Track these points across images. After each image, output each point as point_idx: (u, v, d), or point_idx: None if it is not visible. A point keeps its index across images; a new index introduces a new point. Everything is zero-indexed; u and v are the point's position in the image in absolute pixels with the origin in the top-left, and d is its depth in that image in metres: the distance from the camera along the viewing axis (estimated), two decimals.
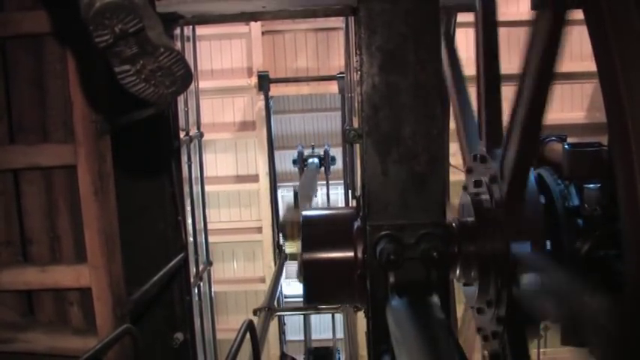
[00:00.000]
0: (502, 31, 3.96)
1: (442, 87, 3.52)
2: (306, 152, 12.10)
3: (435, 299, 3.29)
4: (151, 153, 4.58)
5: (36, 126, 4.06)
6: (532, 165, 3.62)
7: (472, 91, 4.36)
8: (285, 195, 16.20)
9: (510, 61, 4.07)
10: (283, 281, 12.47)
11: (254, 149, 15.16)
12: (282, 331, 13.57)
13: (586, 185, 3.53)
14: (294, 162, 11.98)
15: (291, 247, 4.20)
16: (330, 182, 12.99)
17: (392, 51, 3.36)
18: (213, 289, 10.18)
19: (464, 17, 4.48)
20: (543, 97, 3.06)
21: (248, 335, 4.49)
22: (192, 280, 6.48)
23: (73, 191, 3.71)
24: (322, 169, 11.98)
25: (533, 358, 9.27)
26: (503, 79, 3.90)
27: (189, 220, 6.94)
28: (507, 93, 3.62)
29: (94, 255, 3.56)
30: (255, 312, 7.81)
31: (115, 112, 3.70)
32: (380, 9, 3.35)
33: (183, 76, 2.28)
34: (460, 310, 5.48)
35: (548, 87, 3.03)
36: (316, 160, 11.74)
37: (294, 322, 14.74)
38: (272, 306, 8.24)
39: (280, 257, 11.75)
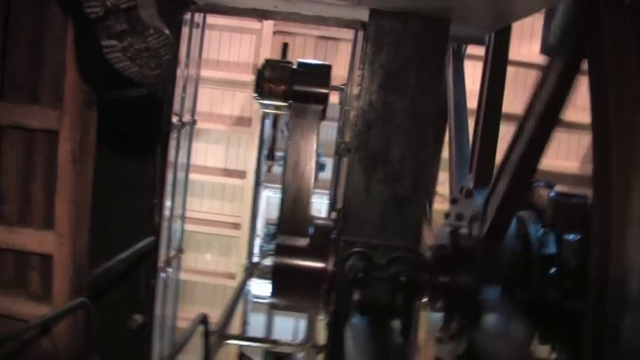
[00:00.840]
0: (509, 70, 3.93)
1: (438, 114, 3.51)
2: None
3: (397, 324, 3.27)
4: (140, 133, 4.54)
5: (27, 86, 4.02)
6: (518, 208, 3.62)
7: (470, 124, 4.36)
8: (271, 196, 16.16)
9: (512, 100, 4.05)
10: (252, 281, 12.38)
11: (246, 146, 15.12)
12: (244, 330, 13.53)
13: (566, 235, 3.53)
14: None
15: (268, 104, 3.94)
16: (317, 191, 12.93)
17: (394, 71, 3.35)
18: (181, 277, 10.12)
19: (474, 50, 4.46)
20: (542, 142, 3.04)
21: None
22: (160, 264, 6.43)
23: (52, 158, 3.67)
24: None
25: None
26: (503, 118, 3.90)
27: (169, 205, 6.89)
28: (504, 132, 3.61)
29: (62, 223, 3.52)
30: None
31: (107, 86, 3.67)
32: (390, 27, 3.34)
33: (169, 61, 2.26)
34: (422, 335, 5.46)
35: (549, 133, 3.00)
36: None
37: (258, 322, 14.71)
38: (225, 332, 7.84)
39: (245, 275, 11.40)
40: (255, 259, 12.09)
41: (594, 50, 2.33)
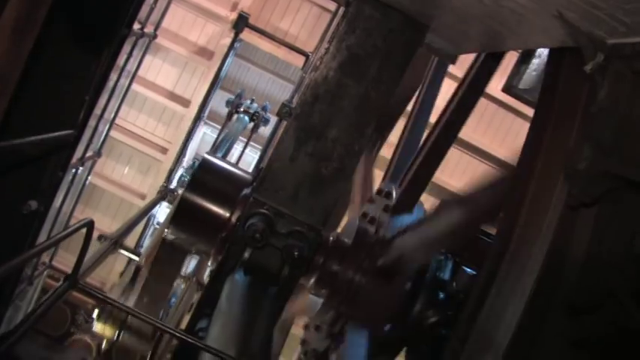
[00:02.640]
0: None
1: (385, 112, 3.53)
2: (244, 102, 11.85)
3: (274, 293, 3.30)
4: (95, 28, 4.40)
5: None
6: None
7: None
8: (207, 134, 16.05)
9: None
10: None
11: (199, 77, 14.98)
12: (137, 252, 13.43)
13: (464, 267, 3.62)
14: (227, 103, 11.74)
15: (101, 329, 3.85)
16: (253, 144, 12.89)
17: (358, 56, 3.35)
18: (90, 180, 9.97)
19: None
20: (439, 151, 3.13)
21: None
22: (74, 161, 6.31)
23: None
24: (251, 124, 11.75)
25: None
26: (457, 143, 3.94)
27: (102, 105, 6.75)
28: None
29: None
30: (99, 238, 7.65)
31: None
32: (369, 13, 3.33)
33: None
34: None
35: (446, 145, 3.11)
36: (247, 118, 11.53)
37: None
38: (121, 241, 7.99)
39: (158, 196, 11.39)
40: (173, 186, 12.02)
41: (544, 102, 2.39)
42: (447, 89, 4.10)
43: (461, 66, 3.90)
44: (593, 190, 1.86)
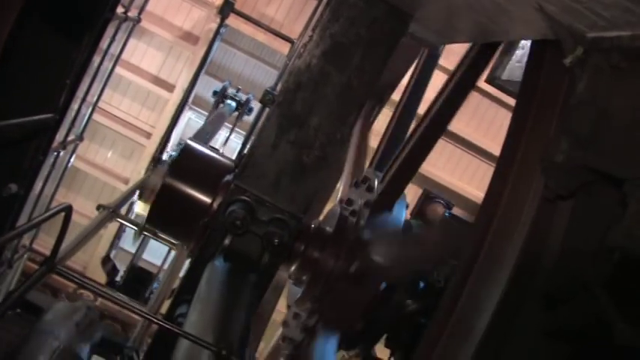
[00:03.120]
0: None
1: (366, 101, 3.53)
2: (230, 91, 11.89)
3: (254, 280, 3.31)
4: (78, 12, 4.37)
5: None
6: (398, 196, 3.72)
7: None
8: (192, 119, 15.98)
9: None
10: None
11: (184, 62, 14.91)
12: (118, 236, 13.37)
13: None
14: (214, 93, 11.77)
15: (143, 208, 4.01)
16: (238, 130, 12.87)
17: (342, 45, 3.35)
18: (72, 163, 9.93)
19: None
20: (428, 142, 3.15)
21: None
22: (55, 144, 6.28)
23: None
24: (236, 113, 11.80)
25: None
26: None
27: (84, 89, 6.71)
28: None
29: None
30: (98, 207, 7.59)
31: None
32: (353, 2, 3.33)
33: None
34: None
35: (435, 136, 3.13)
36: (234, 105, 11.56)
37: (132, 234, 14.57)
38: (118, 210, 7.90)
39: (151, 168, 11.47)
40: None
41: (525, 94, 2.40)
42: (437, 81, 4.11)
43: (453, 58, 3.89)
44: (570, 182, 1.86)
